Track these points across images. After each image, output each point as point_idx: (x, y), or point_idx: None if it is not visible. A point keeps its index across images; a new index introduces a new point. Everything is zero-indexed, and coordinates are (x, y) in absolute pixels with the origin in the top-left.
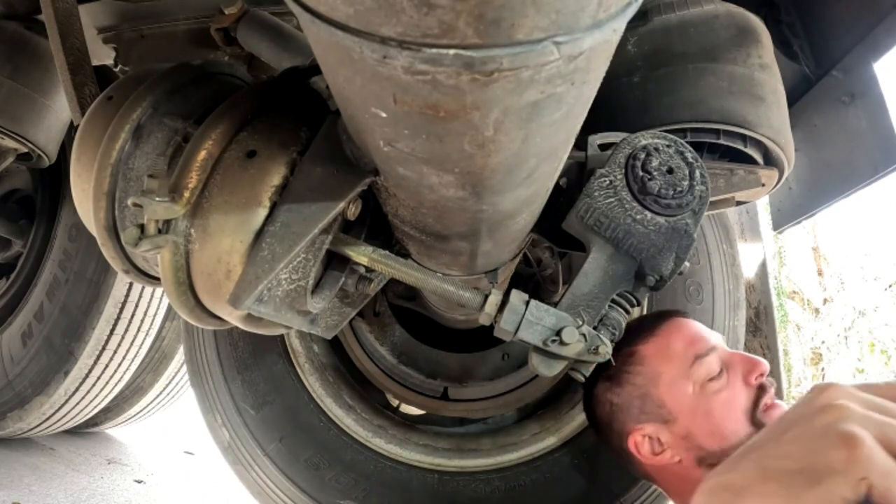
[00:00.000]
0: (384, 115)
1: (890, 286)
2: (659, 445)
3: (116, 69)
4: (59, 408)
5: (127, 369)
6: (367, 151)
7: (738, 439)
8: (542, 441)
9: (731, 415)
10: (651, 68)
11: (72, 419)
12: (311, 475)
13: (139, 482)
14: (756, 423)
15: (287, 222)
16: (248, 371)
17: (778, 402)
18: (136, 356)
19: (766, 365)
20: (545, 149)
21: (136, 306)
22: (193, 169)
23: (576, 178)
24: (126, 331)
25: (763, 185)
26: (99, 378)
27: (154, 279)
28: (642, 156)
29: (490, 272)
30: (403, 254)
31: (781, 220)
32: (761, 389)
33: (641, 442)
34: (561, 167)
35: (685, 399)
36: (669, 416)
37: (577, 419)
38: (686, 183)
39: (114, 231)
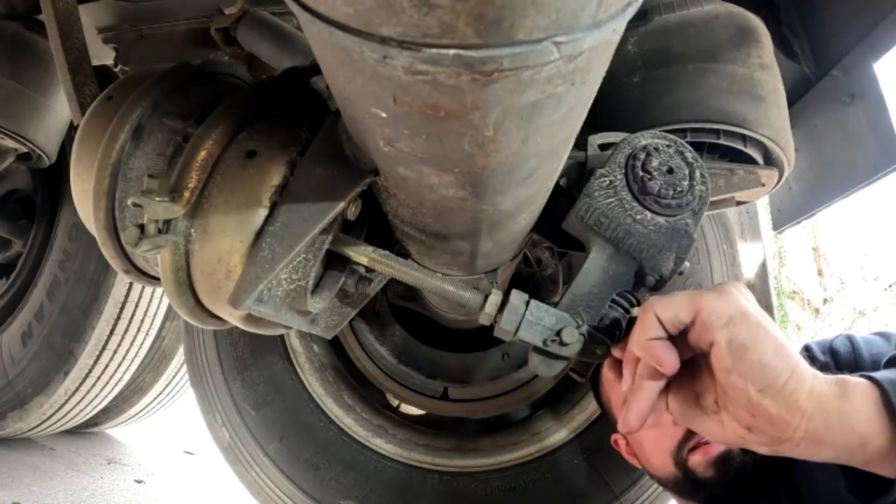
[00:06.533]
0: (384, 115)
1: (890, 286)
2: (629, 448)
3: (116, 69)
4: (59, 408)
5: (127, 369)
6: (367, 151)
7: (665, 475)
8: (543, 441)
9: (656, 452)
10: (651, 68)
11: (72, 419)
12: (311, 475)
13: (139, 482)
14: (679, 462)
15: (287, 222)
16: (248, 371)
17: (711, 443)
18: (136, 356)
19: None
20: (545, 149)
21: (136, 306)
22: (193, 169)
23: (576, 178)
24: (126, 331)
25: (763, 185)
26: (99, 378)
27: (154, 279)
28: (642, 156)
29: (490, 272)
30: (403, 254)
31: (781, 220)
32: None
33: (619, 441)
34: (561, 167)
35: None
36: (623, 434)
37: (577, 419)
38: (686, 183)
39: (114, 231)
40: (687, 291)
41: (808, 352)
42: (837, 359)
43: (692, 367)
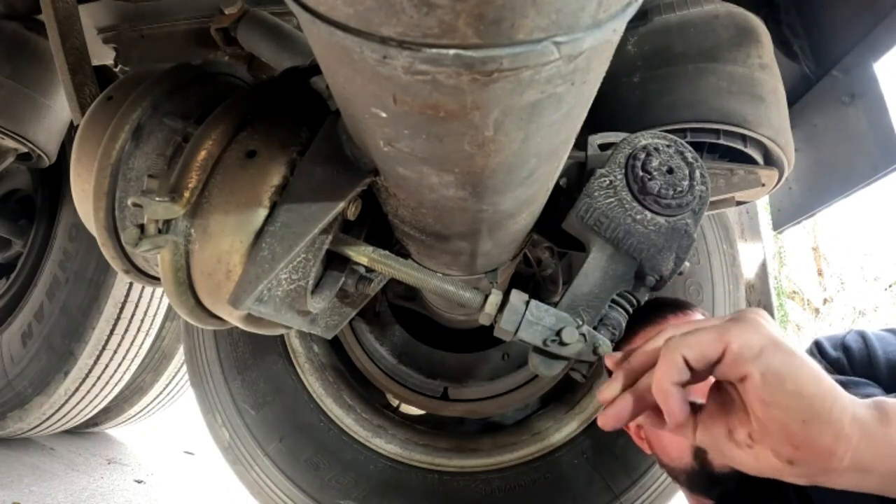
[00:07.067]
0: (384, 115)
1: (890, 286)
2: (639, 432)
3: (116, 69)
4: (59, 408)
5: (127, 369)
6: (367, 151)
7: (681, 465)
8: (543, 441)
9: (676, 442)
10: (651, 68)
11: (72, 419)
12: (311, 475)
13: (139, 482)
14: (698, 455)
15: (287, 222)
16: (248, 371)
17: None
18: (136, 356)
19: None
20: (545, 149)
21: (136, 306)
22: (193, 169)
23: (576, 178)
24: (126, 331)
25: (763, 185)
26: (99, 378)
27: (154, 279)
28: (642, 156)
29: (490, 272)
30: (403, 254)
31: (781, 220)
32: None
33: (630, 424)
34: (561, 167)
35: None
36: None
37: (577, 419)
38: (686, 183)
39: (114, 231)
40: (710, 325)
41: (818, 347)
42: (850, 356)
43: (721, 399)
